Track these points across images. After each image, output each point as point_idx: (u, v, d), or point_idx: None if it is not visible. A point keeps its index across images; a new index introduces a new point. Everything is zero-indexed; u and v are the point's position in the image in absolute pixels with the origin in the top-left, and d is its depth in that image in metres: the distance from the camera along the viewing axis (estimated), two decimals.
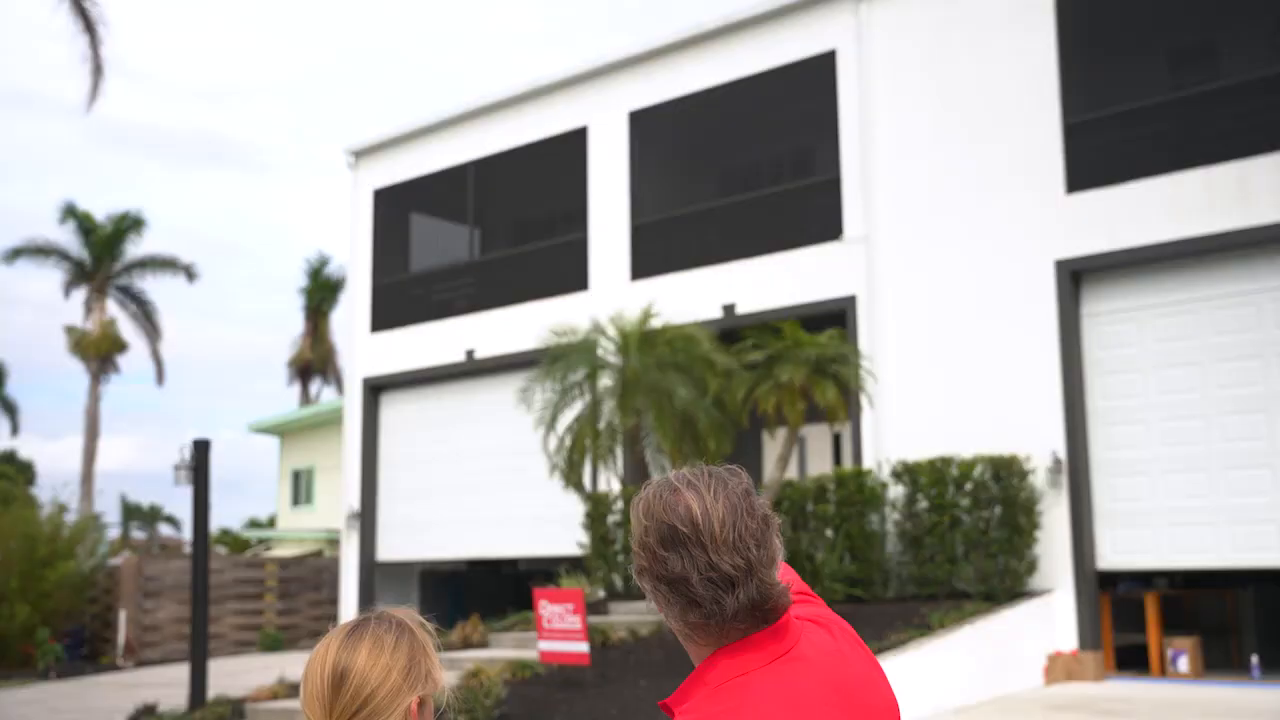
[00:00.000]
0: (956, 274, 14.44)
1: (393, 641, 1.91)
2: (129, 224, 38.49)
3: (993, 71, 14.49)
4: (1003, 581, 12.92)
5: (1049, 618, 12.98)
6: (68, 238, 38.27)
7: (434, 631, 1.99)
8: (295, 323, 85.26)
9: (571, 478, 13.48)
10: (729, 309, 16.29)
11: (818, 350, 13.08)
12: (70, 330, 38.93)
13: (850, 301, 15.29)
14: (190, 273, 39.09)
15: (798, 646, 1.85)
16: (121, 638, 22.63)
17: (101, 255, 38.32)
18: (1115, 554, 13.21)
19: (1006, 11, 14.50)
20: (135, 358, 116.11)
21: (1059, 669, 12.70)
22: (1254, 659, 12.90)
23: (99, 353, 38.12)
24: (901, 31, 15.37)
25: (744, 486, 1.82)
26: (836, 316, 15.21)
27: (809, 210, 16.31)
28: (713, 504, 1.77)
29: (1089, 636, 12.95)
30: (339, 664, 1.88)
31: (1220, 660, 13.85)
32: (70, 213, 38.05)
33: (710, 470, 1.85)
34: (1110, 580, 13.65)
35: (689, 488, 1.80)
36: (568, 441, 13.45)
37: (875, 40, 15.53)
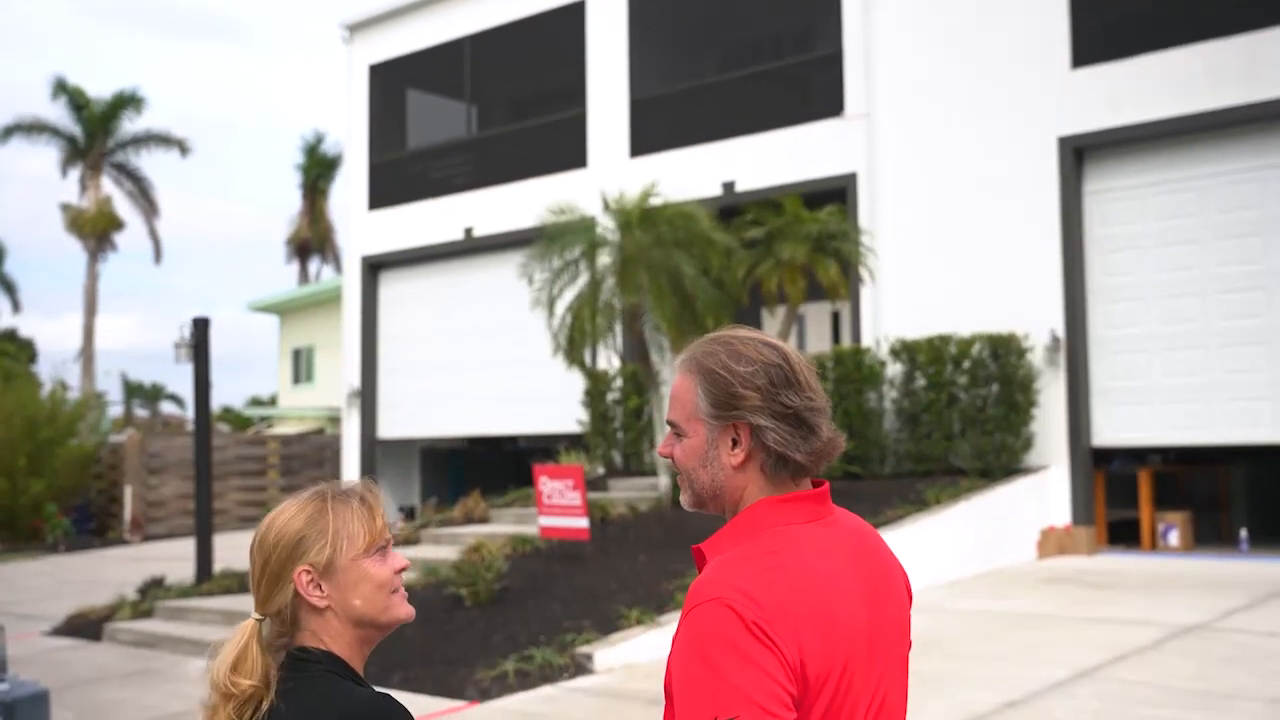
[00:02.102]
0: (958, 150, 14.30)
1: (295, 509, 1.92)
2: (126, 101, 37.99)
3: None
4: (999, 458, 13.06)
5: (1043, 494, 13.15)
6: (60, 114, 37.83)
7: (372, 506, 1.96)
8: (293, 201, 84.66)
9: (573, 355, 13.51)
10: (729, 186, 16.16)
11: (818, 226, 13.02)
12: (66, 208, 38.71)
13: (851, 179, 15.16)
14: (184, 148, 38.70)
15: (835, 514, 1.96)
16: (127, 513, 22.95)
17: (95, 132, 37.89)
18: (1111, 431, 13.32)
19: None
20: (132, 236, 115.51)
21: (1052, 543, 12.91)
22: (1242, 533, 13.11)
23: (96, 230, 37.97)
24: None
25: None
26: (837, 194, 15.10)
27: (810, 86, 16.07)
28: (791, 349, 1.94)
29: (1082, 512, 13.13)
30: (257, 533, 1.95)
31: (1210, 535, 14.07)
32: (62, 88, 37.52)
33: (745, 328, 2.00)
34: (1105, 457, 13.79)
35: (759, 339, 1.94)
36: (568, 320, 13.45)
37: None
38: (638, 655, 8.82)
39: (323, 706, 1.82)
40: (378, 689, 1.90)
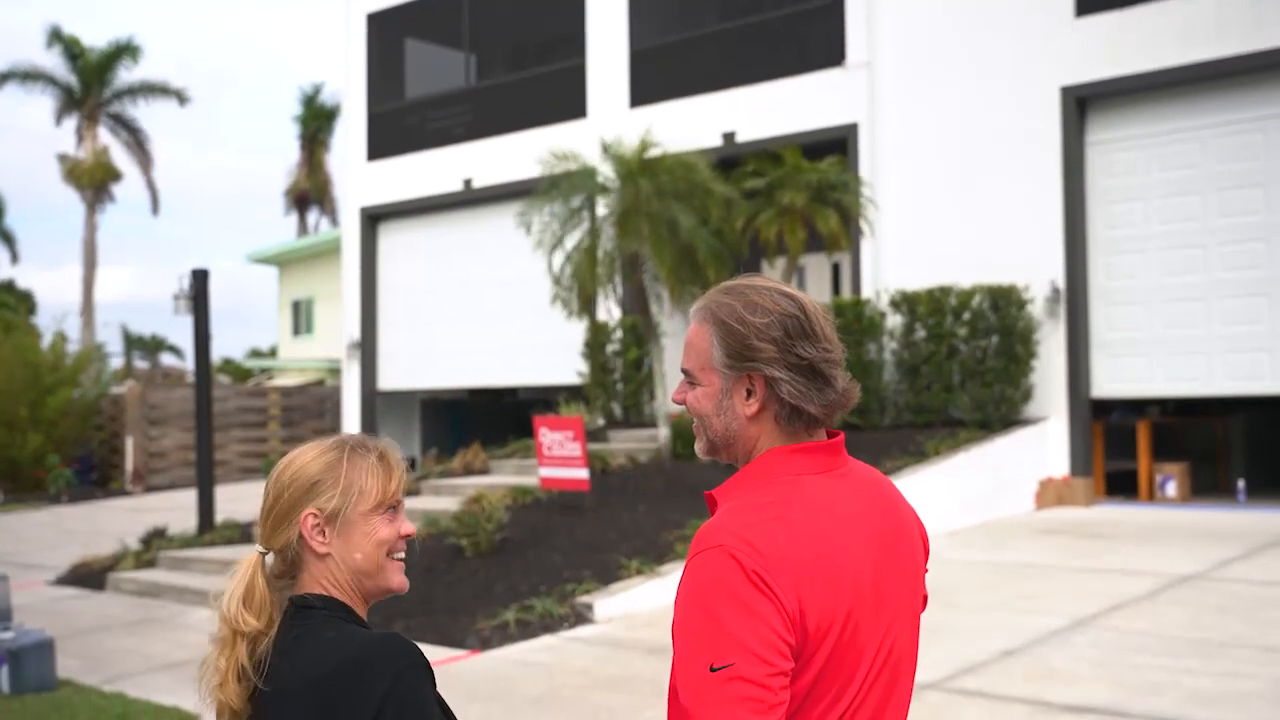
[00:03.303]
0: (960, 101, 14.20)
1: (315, 453, 1.94)
2: (122, 50, 37.68)
3: None
4: (998, 410, 13.08)
5: (1042, 445, 13.18)
6: (56, 63, 37.55)
7: (391, 466, 1.97)
8: (291, 152, 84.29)
9: (575, 305, 13.48)
10: (729, 137, 16.08)
11: (819, 176, 12.96)
12: (63, 159, 38.52)
13: (852, 130, 15.07)
14: (181, 97, 38.45)
15: (848, 465, 1.96)
16: (129, 464, 23.03)
17: (91, 82, 37.62)
18: (1110, 383, 13.34)
19: None
20: (130, 187, 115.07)
21: (1050, 494, 12.96)
22: (1240, 483, 13.17)
23: (93, 181, 37.80)
24: None
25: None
26: (838, 145, 15.02)
27: (811, 36, 15.93)
28: (809, 301, 1.93)
29: (1080, 463, 13.18)
30: (277, 465, 1.99)
31: (1207, 485, 14.12)
32: (57, 37, 37.20)
33: (761, 277, 1.98)
34: (1104, 408, 13.82)
35: (775, 288, 1.93)
36: (568, 269, 13.42)
37: None
38: (638, 605, 8.88)
39: (329, 651, 1.82)
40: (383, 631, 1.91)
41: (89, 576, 12.16)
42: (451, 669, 7.37)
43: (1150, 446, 13.46)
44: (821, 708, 1.79)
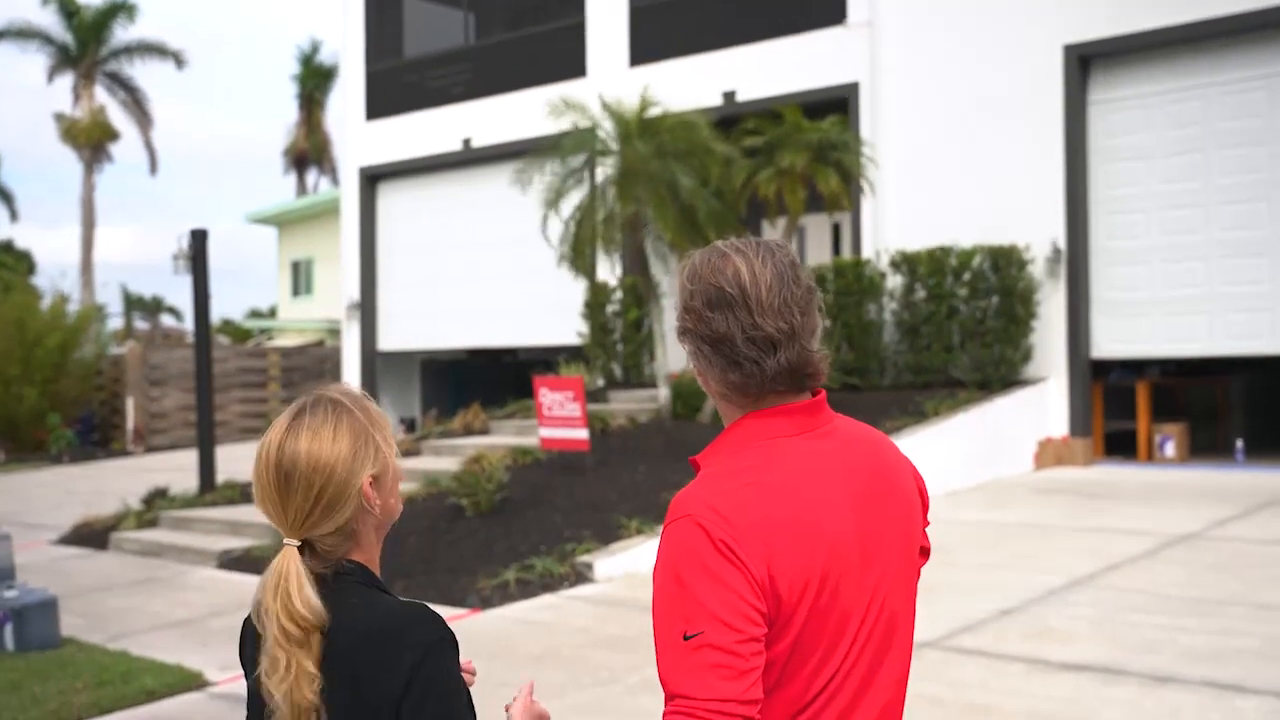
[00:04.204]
0: (962, 59, 14.11)
1: (331, 429, 1.85)
2: (118, 9, 37.40)
3: None
4: (997, 370, 13.09)
5: (1042, 405, 13.20)
6: (51, 21, 37.29)
7: (376, 405, 1.94)
8: (289, 112, 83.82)
9: (577, 264, 13.44)
10: (729, 96, 15.99)
11: (819, 135, 12.89)
12: (60, 118, 38.33)
13: (853, 89, 14.99)
14: (179, 59, 38.22)
15: (832, 424, 1.92)
16: (130, 424, 23.08)
17: (87, 40, 37.37)
18: (1110, 343, 13.34)
19: None
20: (128, 147, 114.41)
21: (1049, 455, 12.99)
22: (1238, 443, 13.19)
23: (90, 141, 37.64)
24: None
25: (791, 257, 1.89)
26: (838, 104, 14.94)
27: None
28: (760, 269, 1.83)
29: (1080, 423, 13.20)
30: (282, 464, 1.83)
31: (1206, 446, 14.15)
32: None
33: (759, 240, 1.90)
34: (1103, 369, 13.83)
35: (738, 253, 1.86)
36: (570, 229, 13.38)
37: None
38: (637, 565, 8.92)
39: (356, 620, 1.80)
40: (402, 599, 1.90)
41: (91, 536, 12.21)
42: (452, 628, 7.41)
43: (1149, 407, 13.48)
44: (809, 669, 1.79)
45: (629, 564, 8.94)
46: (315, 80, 44.23)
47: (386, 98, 20.80)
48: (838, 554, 1.80)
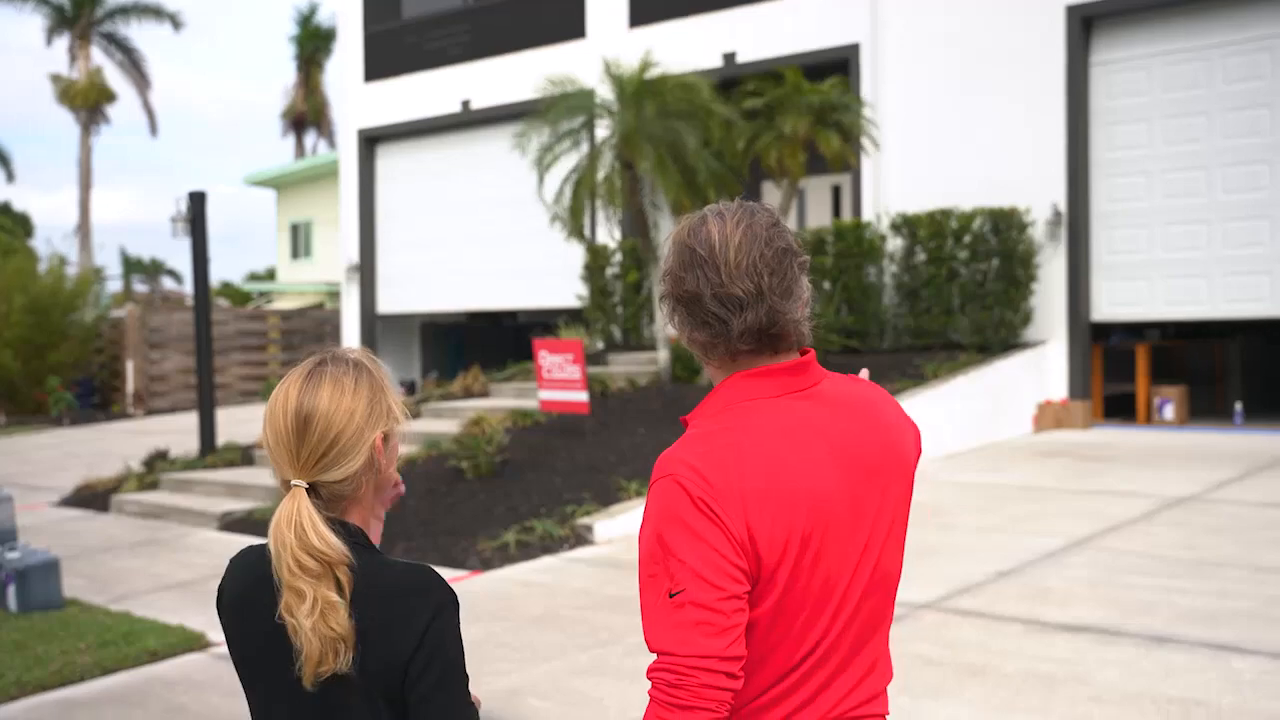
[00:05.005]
0: (963, 19, 14.02)
1: (352, 383, 1.88)
2: None
3: None
4: (997, 333, 13.09)
5: (1041, 368, 13.21)
6: None
7: (386, 369, 1.97)
8: (288, 74, 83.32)
9: (572, 227, 13.42)
10: (729, 58, 15.90)
11: (820, 97, 12.83)
12: (56, 79, 38.12)
13: (853, 50, 14.90)
14: (176, 21, 37.97)
15: (817, 386, 1.93)
16: (130, 387, 23.09)
17: (83, 0, 37.12)
18: (1110, 306, 13.33)
19: None
20: (126, 110, 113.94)
21: (1048, 417, 13.01)
22: (1237, 406, 13.22)
23: (87, 102, 37.44)
24: None
25: (771, 219, 1.90)
26: (839, 66, 14.86)
27: None
28: (733, 231, 1.86)
29: (1079, 386, 13.21)
30: (302, 409, 1.84)
31: (1205, 408, 14.18)
32: None
33: (745, 204, 1.93)
34: (1103, 332, 13.83)
35: (717, 217, 1.89)
36: (568, 191, 13.34)
37: None
38: (637, 526, 8.93)
39: (362, 581, 1.80)
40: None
41: (93, 498, 12.25)
42: (458, 597, 7.45)
43: (1149, 369, 13.49)
44: (796, 630, 1.81)
45: (628, 526, 8.97)
46: (313, 42, 43.94)
47: (385, 59, 20.68)
48: (820, 514, 1.81)
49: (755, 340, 1.86)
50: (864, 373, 2.33)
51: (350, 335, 21.38)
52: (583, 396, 11.32)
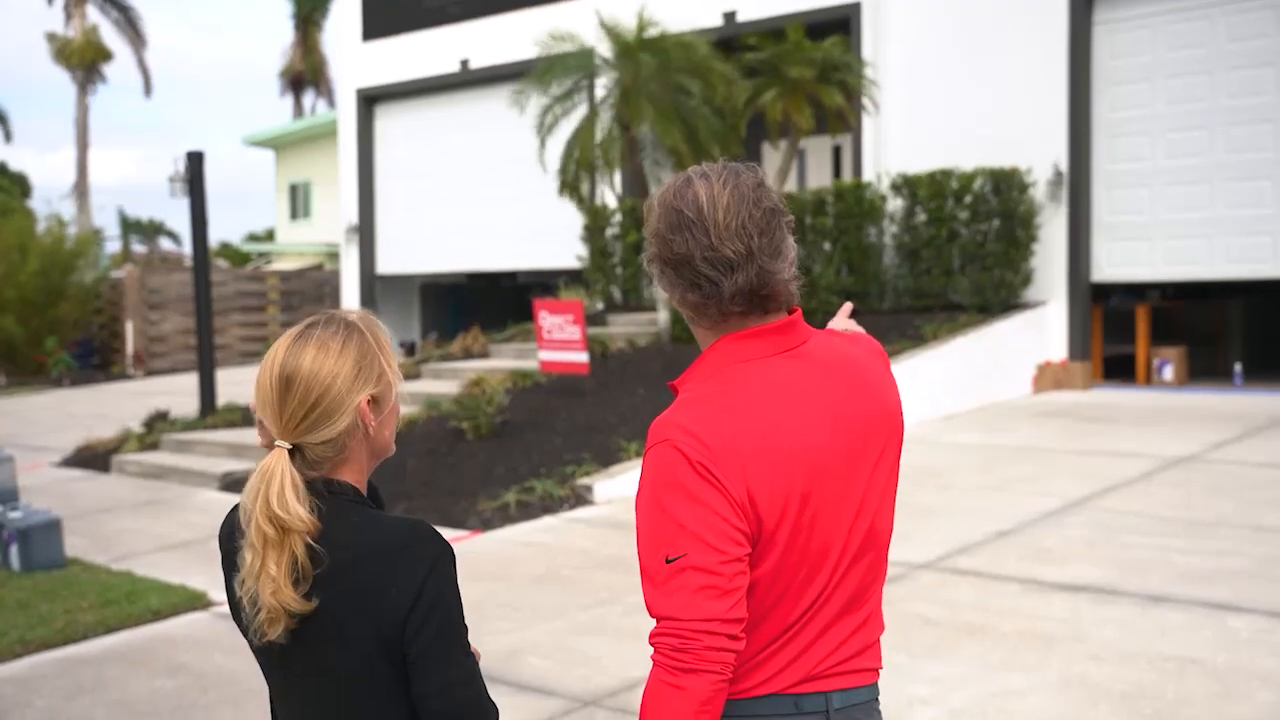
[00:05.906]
0: None
1: (339, 344, 1.88)
2: None
3: None
4: (997, 294, 13.06)
5: (1041, 329, 13.20)
6: None
7: (387, 331, 1.97)
8: (286, 34, 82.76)
9: (571, 188, 13.37)
10: (729, 17, 15.78)
11: (822, 55, 12.75)
12: (52, 37, 37.89)
13: (855, 9, 14.79)
14: None
15: (805, 345, 1.92)
16: (130, 348, 23.09)
17: None
18: (1111, 267, 13.31)
19: None
20: (123, 69, 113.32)
21: (1048, 378, 13.02)
22: (1237, 367, 13.22)
23: (83, 61, 37.24)
24: None
25: (756, 180, 1.88)
26: (840, 25, 14.75)
27: None
28: (719, 192, 1.84)
29: (1079, 347, 13.21)
30: (285, 368, 1.85)
31: (1205, 369, 14.18)
32: None
33: (729, 165, 1.91)
34: (1103, 292, 13.81)
35: (702, 179, 1.87)
36: (568, 152, 13.28)
37: None
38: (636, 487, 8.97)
39: (358, 536, 1.81)
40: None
41: (93, 459, 12.28)
42: (453, 549, 7.49)
43: (1149, 330, 13.48)
44: (795, 588, 1.82)
45: (628, 486, 9.00)
46: (311, 0, 43.62)
47: (383, 18, 20.54)
48: (817, 472, 1.82)
49: (746, 302, 1.85)
50: (847, 306, 2.37)
51: (350, 296, 21.36)
52: (583, 357, 11.32)
